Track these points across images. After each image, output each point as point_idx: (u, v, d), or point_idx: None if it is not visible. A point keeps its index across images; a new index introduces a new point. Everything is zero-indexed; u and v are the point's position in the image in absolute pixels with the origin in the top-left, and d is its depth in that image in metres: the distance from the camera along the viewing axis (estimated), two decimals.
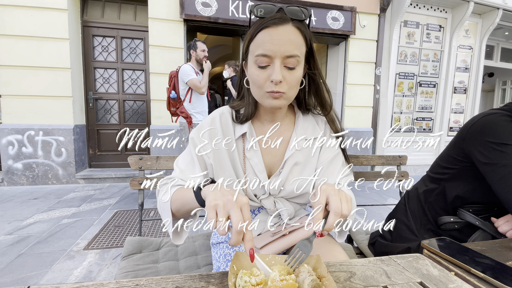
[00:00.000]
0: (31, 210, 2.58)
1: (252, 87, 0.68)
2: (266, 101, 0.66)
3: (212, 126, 0.74)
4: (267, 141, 0.75)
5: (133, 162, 1.03)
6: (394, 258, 0.53)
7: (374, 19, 4.25)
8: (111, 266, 1.72)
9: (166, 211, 0.59)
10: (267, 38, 0.61)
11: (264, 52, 0.61)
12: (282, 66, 0.62)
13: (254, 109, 0.74)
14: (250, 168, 0.74)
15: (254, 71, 0.64)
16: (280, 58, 0.61)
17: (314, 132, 0.78)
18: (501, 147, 0.70)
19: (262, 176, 0.74)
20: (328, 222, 0.46)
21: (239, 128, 0.74)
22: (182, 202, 0.57)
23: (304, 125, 0.77)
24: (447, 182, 0.84)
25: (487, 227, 0.76)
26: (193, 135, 0.75)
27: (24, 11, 3.24)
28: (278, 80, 0.61)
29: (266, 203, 0.76)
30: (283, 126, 0.77)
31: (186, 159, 0.74)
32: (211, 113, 0.78)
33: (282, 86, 0.63)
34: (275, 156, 0.76)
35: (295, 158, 0.75)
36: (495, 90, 6.87)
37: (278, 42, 0.60)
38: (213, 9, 3.66)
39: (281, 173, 0.75)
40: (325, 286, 0.40)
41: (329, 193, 0.48)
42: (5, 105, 3.31)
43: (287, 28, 0.61)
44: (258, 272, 0.40)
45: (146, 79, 3.94)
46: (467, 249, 0.56)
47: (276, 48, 0.60)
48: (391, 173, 1.31)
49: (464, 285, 0.45)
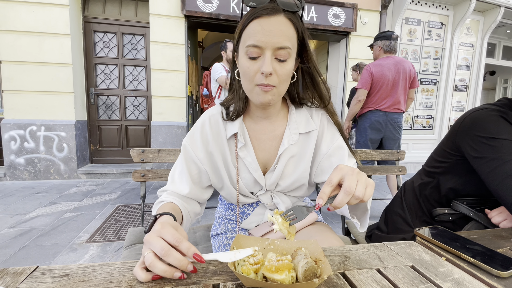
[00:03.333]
0: (34, 204, 2.61)
1: (243, 80, 0.66)
2: (255, 96, 0.64)
3: (202, 131, 0.73)
4: (260, 138, 0.74)
5: (135, 155, 1.05)
6: (387, 245, 0.55)
7: (376, 16, 4.24)
8: (113, 258, 1.75)
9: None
10: (258, 29, 0.59)
11: (254, 42, 0.59)
12: (273, 58, 0.60)
13: (245, 103, 0.72)
14: (244, 167, 0.74)
15: (244, 63, 0.62)
16: (271, 49, 0.59)
17: (308, 125, 0.75)
18: (491, 141, 0.71)
19: (257, 174, 0.73)
20: (337, 199, 0.44)
21: (230, 127, 0.72)
22: None
23: (297, 119, 0.75)
24: (441, 175, 0.86)
25: (481, 218, 0.78)
26: (186, 142, 0.74)
27: (26, 7, 3.25)
28: (268, 71, 0.59)
29: (263, 198, 0.77)
30: (277, 121, 0.75)
31: (179, 169, 0.74)
32: (201, 115, 0.76)
33: (272, 79, 0.61)
34: (269, 152, 0.75)
35: (289, 153, 0.74)
36: (497, 88, 6.86)
37: (269, 33, 0.59)
38: (214, 5, 3.66)
39: (276, 169, 0.74)
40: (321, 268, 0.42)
41: (346, 173, 0.46)
42: (7, 100, 3.33)
43: (278, 18, 0.60)
44: (256, 253, 0.42)
45: (147, 75, 3.96)
46: (459, 236, 0.57)
47: (267, 39, 0.58)
48: (389, 168, 1.33)
49: (454, 269, 0.47)
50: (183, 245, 0.42)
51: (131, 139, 4.04)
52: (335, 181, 0.46)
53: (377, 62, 2.33)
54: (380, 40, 2.34)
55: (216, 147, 0.73)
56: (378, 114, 2.35)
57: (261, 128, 0.75)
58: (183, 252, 0.42)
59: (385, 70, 2.27)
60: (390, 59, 2.30)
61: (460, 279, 0.44)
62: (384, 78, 2.26)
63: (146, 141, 4.09)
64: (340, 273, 0.45)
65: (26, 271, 0.43)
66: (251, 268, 0.40)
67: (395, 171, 1.32)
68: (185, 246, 0.42)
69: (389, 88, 2.29)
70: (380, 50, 2.36)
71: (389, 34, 2.32)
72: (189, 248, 0.42)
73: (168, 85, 3.74)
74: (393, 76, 2.28)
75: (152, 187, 3.33)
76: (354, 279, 0.43)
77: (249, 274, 0.40)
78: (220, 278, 0.42)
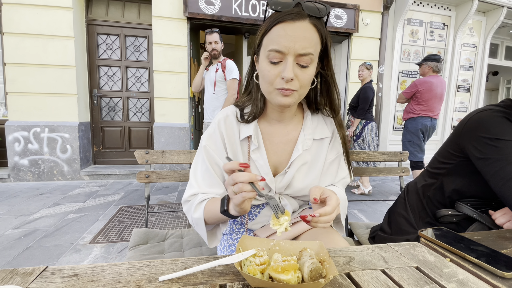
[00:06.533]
0: (38, 205, 2.63)
1: (262, 83, 0.65)
2: (275, 98, 0.63)
3: (220, 132, 0.73)
4: (273, 140, 0.74)
5: (140, 156, 1.06)
6: (392, 246, 0.56)
7: (377, 17, 4.25)
8: (116, 259, 1.76)
9: (201, 226, 0.67)
10: (282, 33, 0.58)
11: (277, 47, 0.58)
12: (294, 63, 0.59)
13: (262, 106, 0.72)
14: (255, 170, 0.73)
15: (265, 66, 0.62)
16: (294, 55, 0.58)
17: (323, 132, 0.75)
18: (495, 142, 0.72)
19: (268, 178, 0.72)
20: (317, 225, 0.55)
21: (244, 129, 0.72)
22: (214, 217, 0.65)
23: (312, 125, 0.75)
24: (445, 176, 0.86)
25: (484, 219, 0.78)
26: (206, 144, 0.73)
27: (30, 10, 3.28)
28: (290, 77, 0.58)
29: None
30: (291, 125, 0.75)
31: (201, 169, 0.73)
32: (216, 116, 0.76)
33: (293, 84, 0.60)
34: (281, 155, 0.74)
35: (302, 159, 0.73)
36: (500, 89, 6.83)
37: (293, 39, 0.57)
38: (216, 7, 3.68)
39: (287, 173, 0.73)
40: (326, 269, 0.42)
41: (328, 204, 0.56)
42: (11, 102, 3.36)
43: (303, 24, 0.58)
44: (262, 253, 0.43)
45: (149, 77, 3.98)
46: (463, 237, 0.58)
47: (290, 45, 0.58)
48: (392, 169, 1.33)
49: (459, 270, 0.47)
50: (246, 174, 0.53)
51: (133, 141, 4.06)
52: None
53: (427, 79, 2.86)
54: (431, 61, 2.84)
55: (229, 148, 0.73)
56: (427, 120, 2.92)
57: (275, 130, 0.74)
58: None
59: (433, 87, 2.83)
60: (437, 78, 2.87)
61: (465, 280, 0.44)
62: (433, 92, 2.83)
63: (148, 142, 4.10)
64: (345, 274, 0.45)
65: (35, 271, 0.43)
66: (257, 268, 0.41)
67: (398, 172, 1.32)
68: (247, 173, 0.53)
69: (437, 100, 2.87)
70: (430, 69, 2.87)
71: (438, 57, 2.85)
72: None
73: (170, 87, 3.75)
74: (440, 91, 2.87)
75: (155, 188, 3.35)
76: (359, 279, 0.43)
77: (256, 274, 0.40)
78: (227, 278, 0.43)
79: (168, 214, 2.47)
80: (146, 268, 0.44)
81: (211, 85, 2.67)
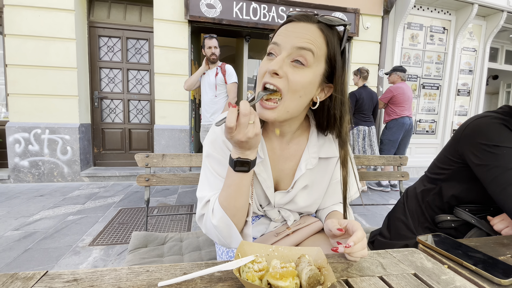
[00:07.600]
0: (37, 207, 2.63)
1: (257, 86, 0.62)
2: (258, 109, 0.58)
3: (222, 139, 0.66)
4: (273, 155, 0.69)
5: (140, 159, 1.06)
6: (390, 252, 0.56)
7: (378, 21, 4.27)
8: (115, 261, 1.75)
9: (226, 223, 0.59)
10: (284, 29, 0.58)
11: (274, 39, 0.57)
12: (287, 60, 0.56)
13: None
14: (257, 183, 0.69)
15: (262, 62, 0.60)
16: (289, 50, 0.55)
17: (330, 150, 0.70)
18: (493, 149, 0.72)
19: (269, 192, 0.69)
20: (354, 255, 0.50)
21: None
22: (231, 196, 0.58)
23: (318, 142, 0.69)
24: (444, 182, 0.86)
25: (483, 225, 0.78)
26: (210, 151, 0.67)
27: (32, 12, 3.30)
28: (273, 68, 0.54)
29: (270, 213, 0.74)
30: (294, 140, 0.70)
31: (211, 179, 0.67)
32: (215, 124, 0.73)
33: (278, 81, 0.55)
34: (282, 171, 0.70)
35: (305, 179, 0.69)
36: (500, 93, 6.84)
37: (291, 34, 0.56)
38: (217, 11, 3.70)
39: (289, 192, 0.70)
40: (324, 275, 0.43)
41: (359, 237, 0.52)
42: (12, 103, 3.37)
43: (308, 25, 0.57)
44: (261, 259, 0.43)
45: (150, 79, 3.99)
46: (461, 244, 0.58)
47: (288, 39, 0.55)
48: (391, 174, 1.33)
49: (456, 277, 0.47)
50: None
51: (134, 143, 4.07)
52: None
53: (399, 85, 3.48)
54: (400, 71, 3.51)
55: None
56: (406, 119, 3.48)
57: (276, 145, 0.70)
58: None
59: (405, 91, 3.45)
60: (406, 84, 3.52)
61: (462, 287, 0.44)
62: (406, 95, 3.45)
63: (149, 144, 4.11)
64: (343, 280, 0.45)
65: (36, 276, 0.44)
66: (255, 274, 0.41)
67: (397, 177, 1.33)
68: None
69: (409, 102, 3.48)
70: (398, 78, 3.52)
71: (404, 68, 3.52)
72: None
73: (171, 89, 3.77)
74: (410, 95, 3.50)
75: (155, 190, 3.35)
76: (357, 286, 0.44)
77: (254, 280, 0.40)
78: (226, 284, 0.43)
79: (168, 216, 2.47)
80: (145, 273, 0.45)
81: (211, 88, 2.71)
